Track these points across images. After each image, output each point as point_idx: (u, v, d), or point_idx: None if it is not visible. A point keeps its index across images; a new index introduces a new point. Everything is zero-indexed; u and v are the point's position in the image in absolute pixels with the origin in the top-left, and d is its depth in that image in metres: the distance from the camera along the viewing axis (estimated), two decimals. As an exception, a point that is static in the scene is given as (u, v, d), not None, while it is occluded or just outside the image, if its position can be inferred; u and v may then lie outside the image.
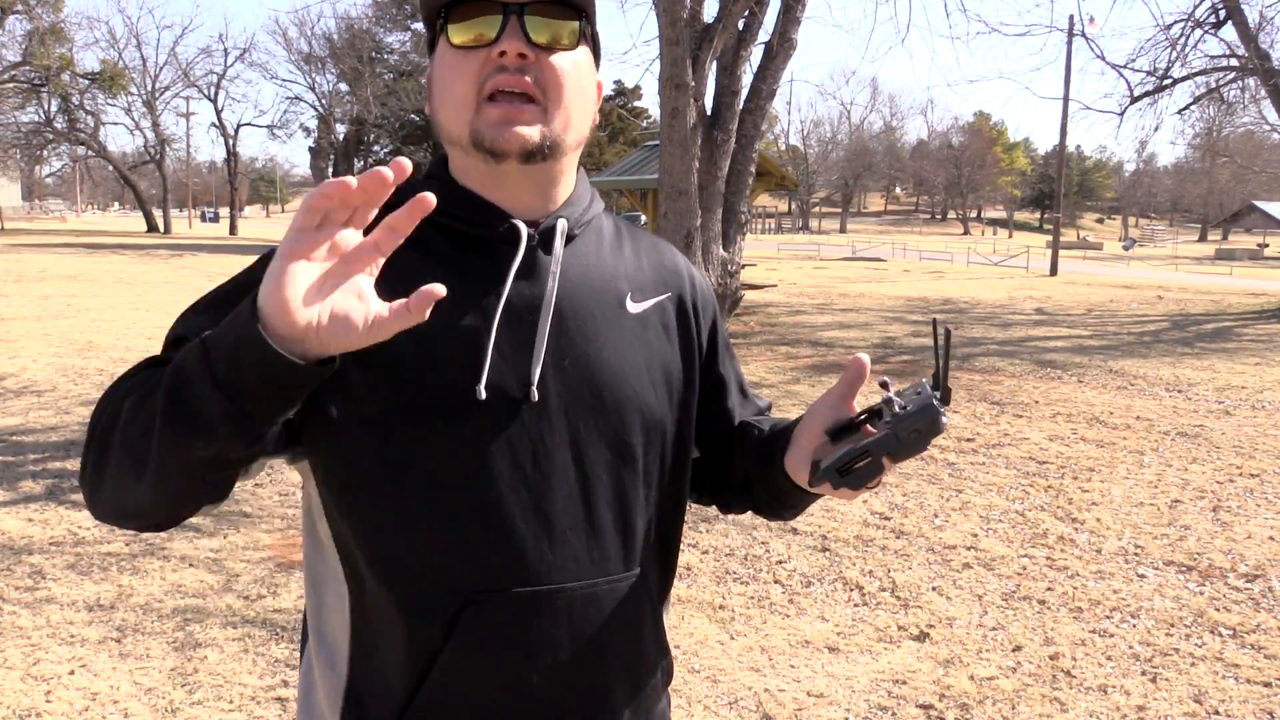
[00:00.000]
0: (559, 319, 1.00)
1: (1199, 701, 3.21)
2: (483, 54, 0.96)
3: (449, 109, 0.99)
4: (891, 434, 0.91)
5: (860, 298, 18.57)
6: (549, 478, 0.98)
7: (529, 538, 0.97)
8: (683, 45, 7.59)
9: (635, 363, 1.05)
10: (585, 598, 1.00)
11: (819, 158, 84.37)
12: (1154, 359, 10.89)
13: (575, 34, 1.00)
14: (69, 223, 53.92)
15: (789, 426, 1.09)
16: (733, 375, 1.21)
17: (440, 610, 0.96)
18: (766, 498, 1.13)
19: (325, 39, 36.86)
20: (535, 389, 0.97)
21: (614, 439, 1.02)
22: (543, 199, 1.02)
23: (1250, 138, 47.83)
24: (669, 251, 1.17)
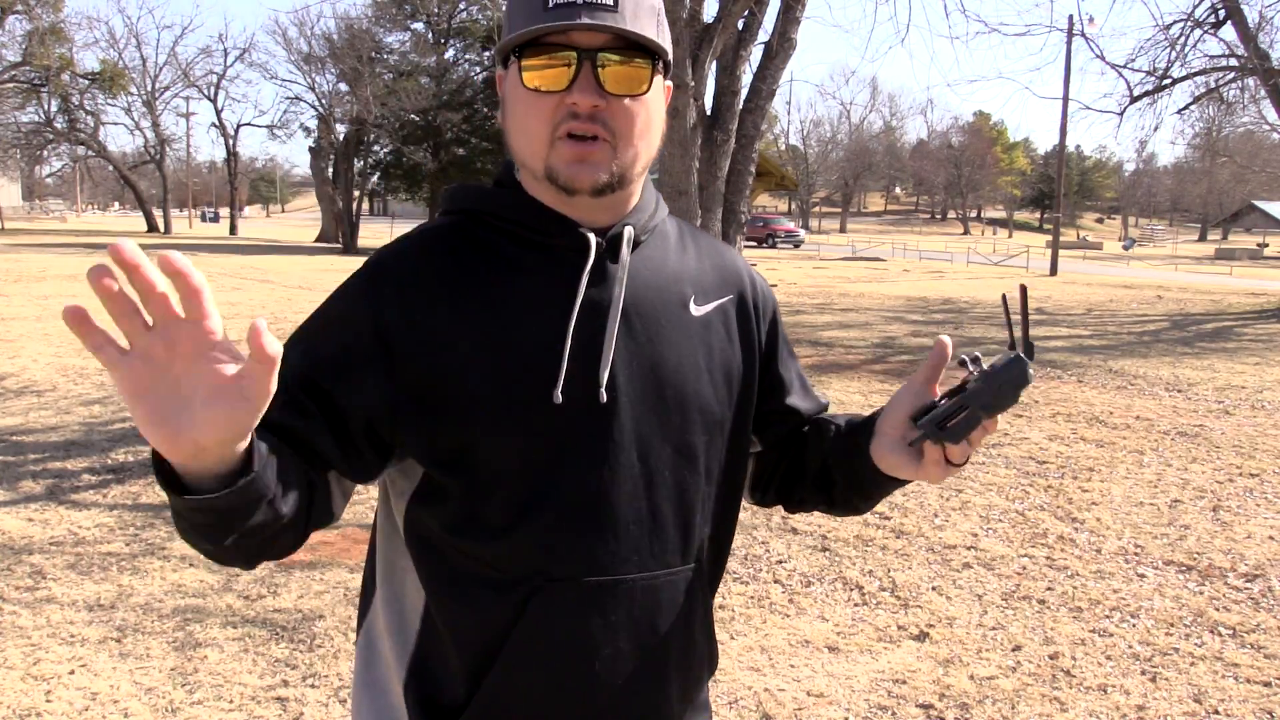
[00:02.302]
0: (626, 323, 1.04)
1: (1199, 701, 3.21)
2: (556, 98, 0.99)
3: (523, 142, 1.02)
4: (985, 387, 0.95)
5: (860, 298, 18.58)
6: (615, 474, 1.03)
7: (595, 531, 1.02)
8: (683, 45, 7.59)
9: (697, 364, 1.09)
10: (645, 588, 1.05)
11: (819, 158, 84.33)
12: (1154, 359, 10.89)
13: (648, 77, 1.02)
14: (69, 223, 53.92)
15: (870, 419, 1.12)
16: (794, 372, 1.24)
17: (511, 595, 1.02)
18: (845, 488, 1.16)
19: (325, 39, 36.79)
20: (604, 391, 1.02)
21: (677, 438, 1.07)
22: (612, 214, 1.07)
23: (1250, 138, 47.82)
24: (730, 253, 1.21)
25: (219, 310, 0.74)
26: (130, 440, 6.23)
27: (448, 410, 1.00)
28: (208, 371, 0.73)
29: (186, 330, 0.72)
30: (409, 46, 38.53)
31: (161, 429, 0.74)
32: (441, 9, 37.50)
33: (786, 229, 44.99)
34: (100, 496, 5.12)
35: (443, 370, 1.00)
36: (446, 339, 1.01)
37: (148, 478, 5.46)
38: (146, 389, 0.73)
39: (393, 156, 37.81)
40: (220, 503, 0.81)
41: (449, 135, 35.25)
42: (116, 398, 7.51)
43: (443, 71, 37.78)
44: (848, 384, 8.93)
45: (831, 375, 9.38)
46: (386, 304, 1.01)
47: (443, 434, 1.01)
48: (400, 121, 34.28)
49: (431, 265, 1.04)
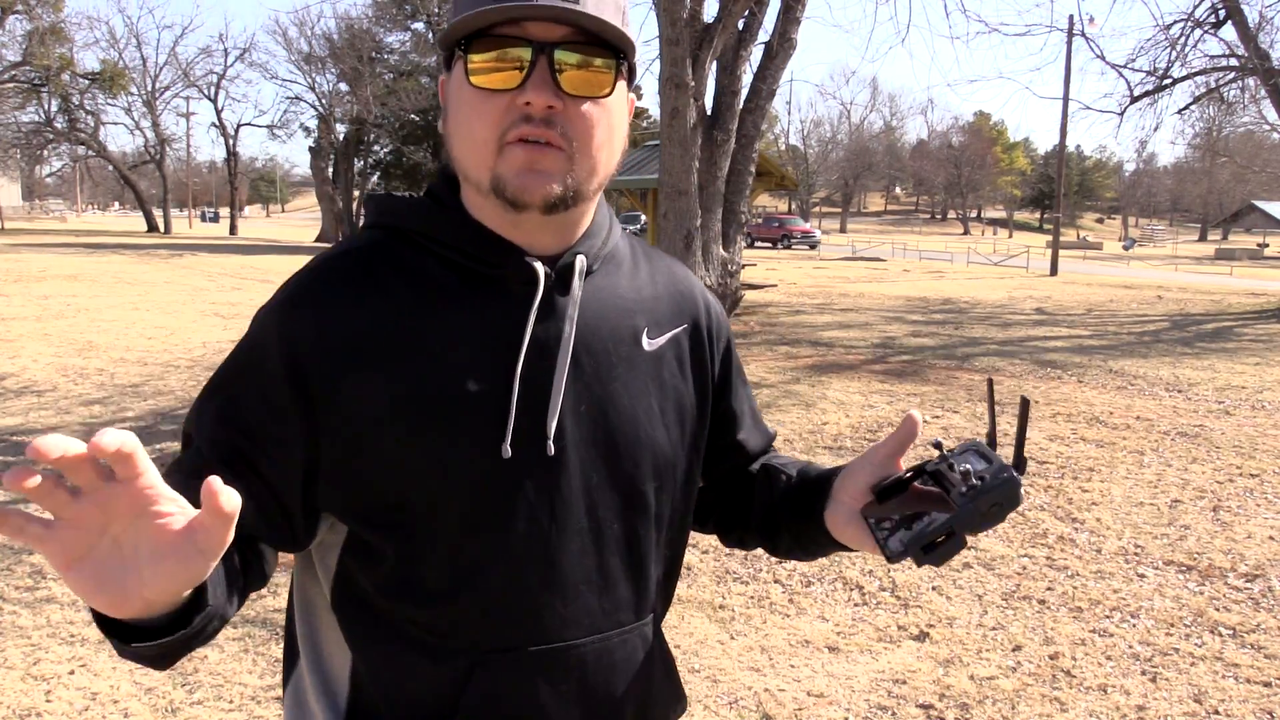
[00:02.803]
0: (575, 363, 0.95)
1: (1199, 701, 3.21)
2: (506, 98, 0.88)
3: (467, 148, 0.92)
4: (973, 509, 0.86)
5: (860, 297, 18.58)
6: (563, 531, 0.94)
7: (542, 595, 0.94)
8: (683, 45, 7.59)
9: (649, 405, 1.00)
10: (598, 652, 0.97)
11: (819, 158, 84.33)
12: (1154, 359, 10.89)
13: (611, 78, 0.91)
14: (69, 223, 53.93)
15: (823, 477, 1.05)
16: (745, 404, 1.17)
17: (452, 664, 0.93)
18: (792, 543, 1.10)
19: (325, 39, 36.87)
20: (552, 443, 0.93)
21: (627, 486, 0.98)
22: (561, 238, 0.97)
23: (1250, 138, 47.86)
24: (684, 276, 1.12)
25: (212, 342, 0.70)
26: (130, 440, 6.23)
27: (378, 464, 0.89)
28: (151, 528, 0.66)
29: (120, 491, 0.65)
30: (409, 46, 38.54)
31: (106, 595, 0.67)
32: (442, 9, 37.46)
33: (803, 229, 43.51)
34: (100, 496, 5.11)
35: (371, 419, 0.89)
36: (373, 384, 0.89)
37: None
38: (82, 557, 0.66)
39: (393, 156, 37.83)
40: (174, 643, 0.76)
41: (449, 135, 35.23)
42: (117, 397, 7.52)
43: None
44: (848, 384, 8.92)
45: (831, 375, 9.38)
46: (302, 344, 0.89)
47: (372, 491, 0.90)
48: (400, 121, 34.31)
49: (354, 296, 0.92)
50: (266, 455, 0.90)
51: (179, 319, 12.23)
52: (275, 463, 0.90)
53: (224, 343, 10.48)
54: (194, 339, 10.68)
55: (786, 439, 6.66)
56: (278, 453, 0.90)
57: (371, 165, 38.14)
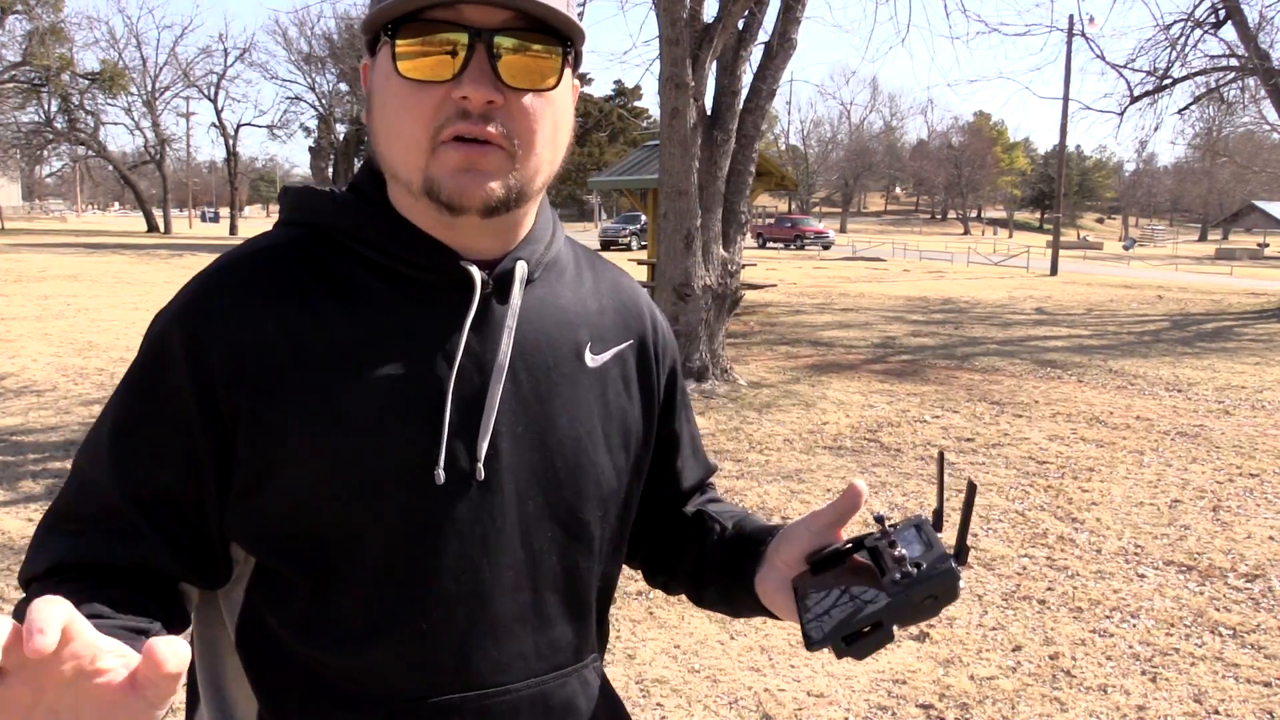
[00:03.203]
0: (512, 380, 0.86)
1: (1199, 701, 3.21)
2: (440, 91, 0.79)
3: (395, 146, 0.82)
4: (905, 600, 0.79)
5: (860, 297, 18.58)
6: (496, 565, 0.85)
7: (472, 636, 0.84)
8: (683, 45, 7.59)
9: (592, 426, 0.92)
10: (532, 698, 0.88)
11: (819, 158, 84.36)
12: (1154, 359, 10.89)
13: (557, 69, 0.82)
14: (69, 223, 53.94)
15: (757, 535, 0.97)
16: (686, 432, 1.08)
17: (372, 716, 0.83)
18: (716, 599, 1.02)
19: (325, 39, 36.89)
20: (482, 466, 0.84)
21: (566, 515, 0.90)
22: (500, 241, 0.88)
23: (1250, 138, 47.86)
24: (629, 288, 1.03)
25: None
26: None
27: (292, 489, 0.80)
28: (92, 689, 0.58)
29: (52, 660, 0.55)
30: (409, 46, 38.57)
31: None
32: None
33: (816, 230, 42.07)
34: (100, 496, 5.12)
35: (284, 439, 0.80)
36: (287, 400, 0.80)
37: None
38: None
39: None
40: None
41: (449, 135, 35.29)
42: (116, 398, 7.52)
43: (443, 71, 37.81)
44: (848, 384, 8.92)
45: (831, 375, 9.38)
46: (207, 354, 0.80)
47: (284, 518, 0.81)
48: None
49: (266, 301, 0.82)
50: (181, 484, 0.81)
51: (179, 319, 12.22)
52: (191, 492, 0.82)
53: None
54: (194, 339, 10.68)
55: (786, 439, 6.67)
56: (192, 480, 0.81)
57: (371, 165, 38.16)
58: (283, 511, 0.81)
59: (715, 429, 6.93)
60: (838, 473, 5.87)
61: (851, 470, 5.93)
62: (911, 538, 0.84)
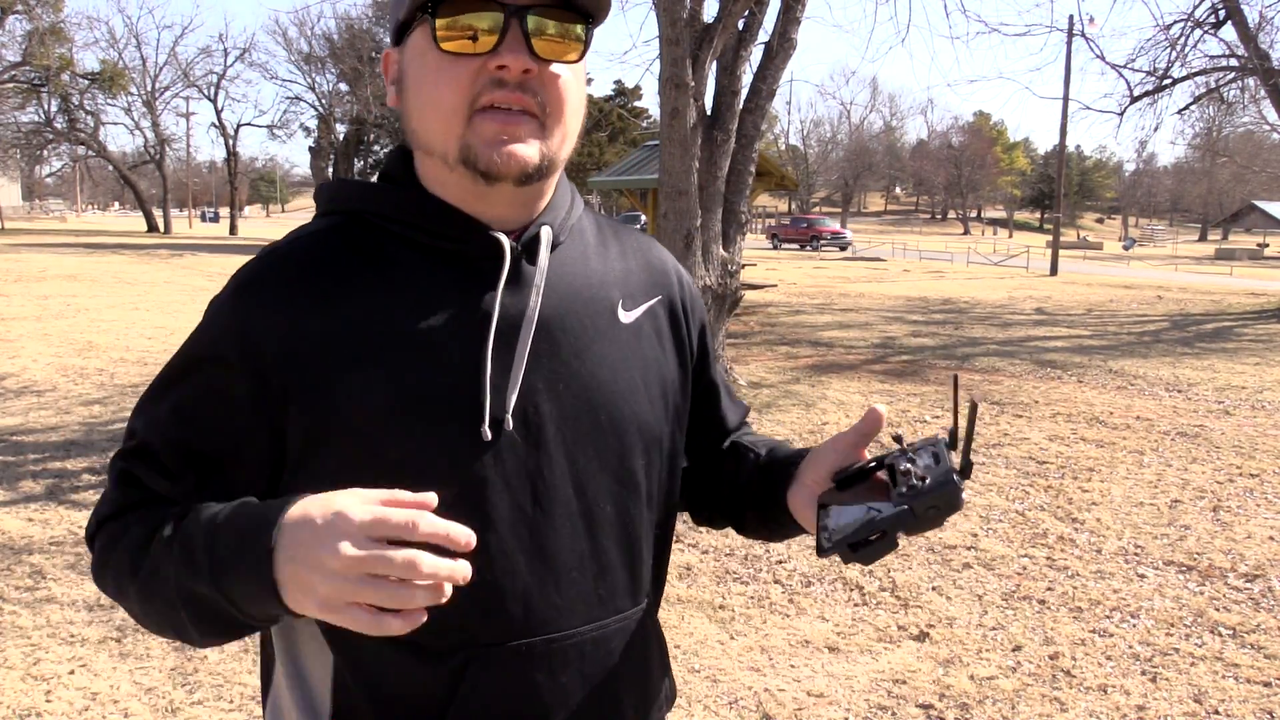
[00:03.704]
0: (550, 338, 0.92)
1: (1199, 701, 3.21)
2: (477, 62, 0.85)
3: (432, 118, 0.88)
4: (908, 511, 0.86)
5: (860, 297, 18.58)
6: (551, 515, 0.91)
7: (534, 584, 0.90)
8: (683, 45, 7.59)
9: (632, 378, 0.97)
10: (595, 640, 0.94)
11: (819, 158, 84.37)
12: (1154, 359, 10.89)
13: (581, 43, 0.89)
14: (69, 223, 53.93)
15: (790, 458, 1.04)
16: (721, 379, 1.15)
17: (443, 664, 0.89)
18: (757, 522, 1.09)
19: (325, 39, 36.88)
20: (511, 417, 0.89)
21: (616, 465, 0.95)
22: (525, 211, 0.94)
23: (1250, 138, 47.88)
24: (655, 249, 1.10)
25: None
26: (130, 440, 6.24)
27: (352, 456, 0.86)
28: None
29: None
30: (409, 46, 38.57)
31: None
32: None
33: (833, 230, 40.87)
34: (100, 496, 5.11)
35: (340, 410, 0.86)
36: (337, 373, 0.86)
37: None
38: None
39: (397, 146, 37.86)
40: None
41: (449, 135, 35.28)
42: (116, 397, 7.52)
43: (443, 71, 37.80)
44: (848, 384, 8.92)
45: (831, 375, 9.38)
46: (258, 335, 0.86)
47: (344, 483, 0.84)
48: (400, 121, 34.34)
49: (312, 283, 0.88)
50: (229, 453, 0.88)
51: (179, 319, 12.23)
52: (239, 460, 0.88)
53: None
54: (194, 339, 10.67)
55: (787, 439, 6.66)
56: (241, 449, 0.88)
57: (371, 165, 38.15)
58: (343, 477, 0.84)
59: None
60: (838, 473, 5.87)
61: (851, 470, 5.92)
62: (926, 456, 0.90)
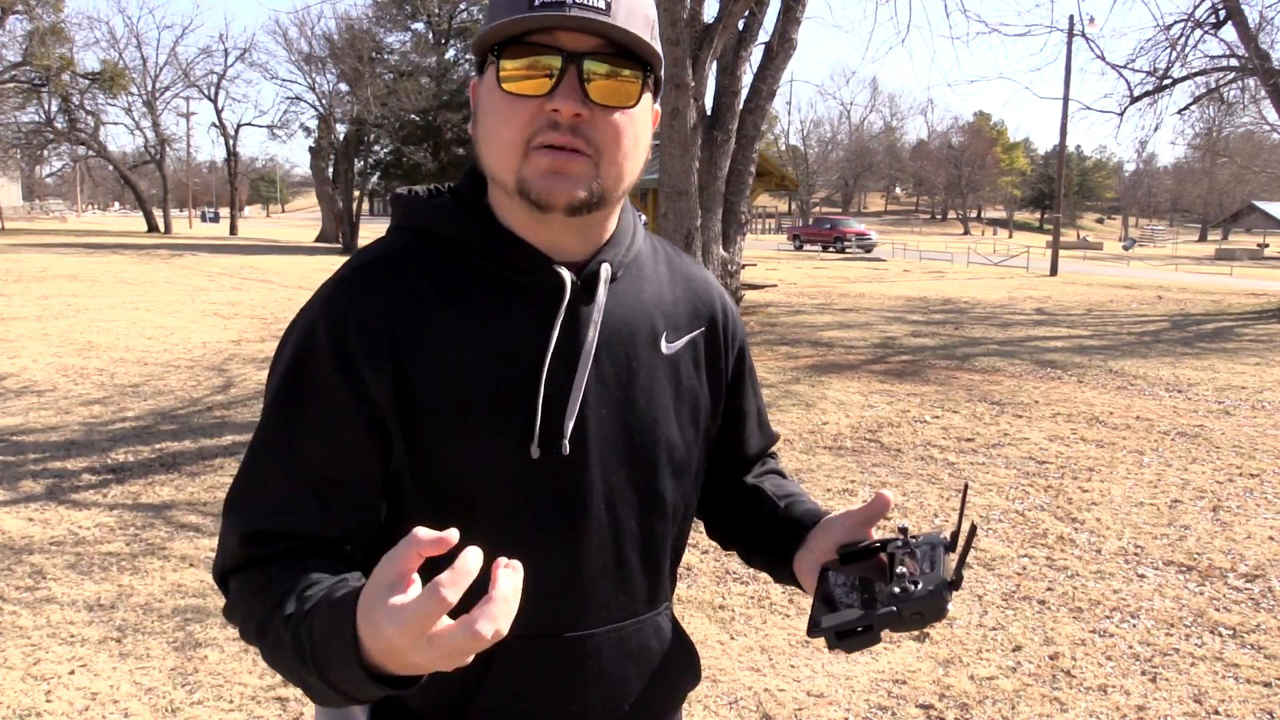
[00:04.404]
0: (596, 366, 0.99)
1: (1199, 701, 3.21)
2: (535, 104, 0.91)
3: (494, 150, 0.95)
4: (895, 613, 0.91)
5: (860, 298, 18.57)
6: (582, 529, 0.99)
7: (561, 587, 0.99)
8: (683, 45, 7.59)
9: (667, 406, 1.05)
10: (614, 641, 1.03)
11: (819, 158, 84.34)
12: (1154, 359, 10.89)
13: (638, 89, 0.94)
14: (69, 223, 53.90)
15: (804, 518, 1.11)
16: (753, 406, 1.23)
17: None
18: (761, 565, 1.18)
19: (325, 39, 36.78)
20: (568, 443, 0.97)
21: (645, 486, 1.04)
22: (586, 241, 1.01)
23: (1250, 138, 47.84)
24: (703, 278, 1.16)
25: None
26: (130, 440, 6.23)
27: (435, 467, 0.96)
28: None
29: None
30: (409, 46, 38.54)
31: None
32: (442, 9, 37.51)
33: (857, 231, 39.47)
34: (100, 496, 5.11)
35: (407, 412, 0.94)
36: (410, 378, 0.95)
37: (148, 478, 5.46)
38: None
39: (393, 156, 37.79)
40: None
41: (449, 135, 35.25)
42: (116, 397, 7.52)
43: (443, 72, 37.78)
44: (848, 384, 8.92)
45: (831, 375, 9.38)
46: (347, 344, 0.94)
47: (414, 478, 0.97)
48: (400, 121, 34.29)
49: (391, 295, 0.97)
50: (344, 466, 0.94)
51: (179, 319, 12.23)
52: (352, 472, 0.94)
53: (224, 343, 10.48)
54: (194, 339, 10.68)
55: (787, 439, 6.66)
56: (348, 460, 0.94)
57: (372, 165, 38.08)
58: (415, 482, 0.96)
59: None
60: (838, 473, 5.87)
61: (852, 470, 5.93)
62: (924, 554, 0.95)
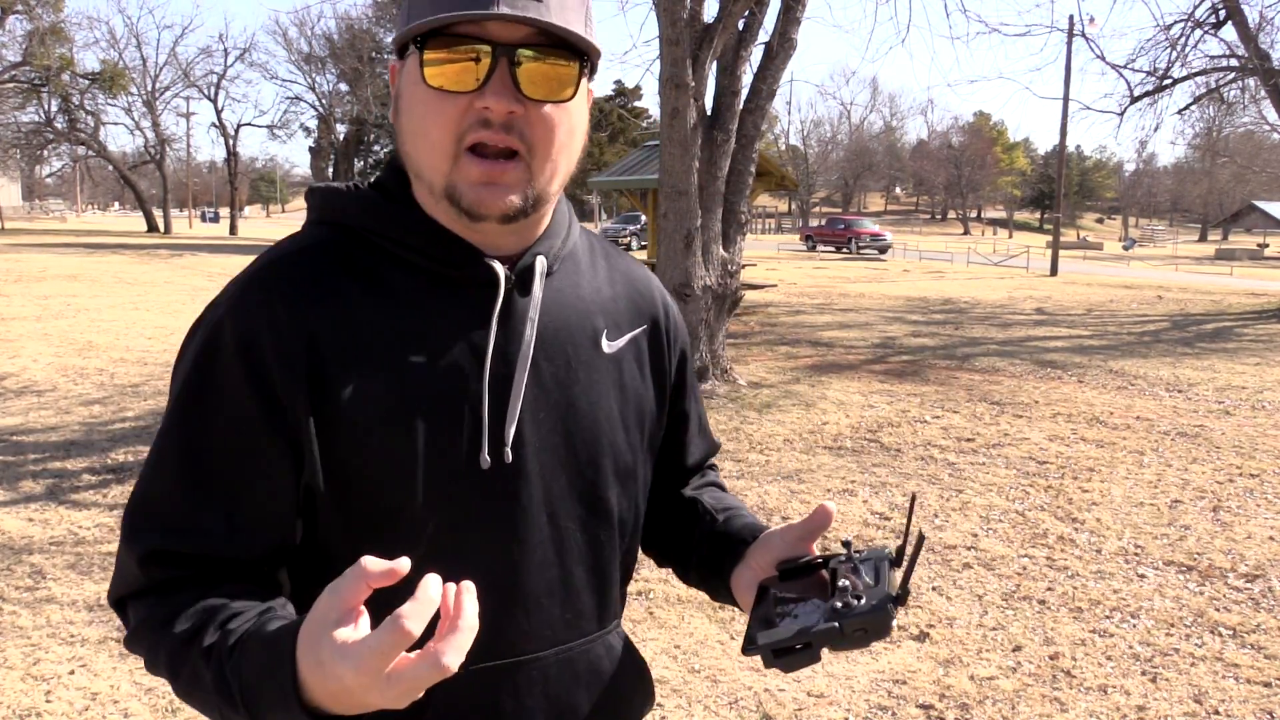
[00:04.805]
0: (535, 367, 0.92)
1: (1199, 701, 3.21)
2: (464, 100, 0.84)
3: (421, 148, 0.87)
4: (837, 629, 0.84)
5: (860, 298, 18.57)
6: (525, 543, 0.91)
7: (502, 608, 0.90)
8: (683, 45, 7.59)
9: (609, 408, 0.98)
10: (560, 662, 0.95)
11: (819, 158, 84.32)
12: (1154, 359, 10.89)
13: (574, 82, 0.87)
14: (69, 223, 53.91)
15: (742, 533, 1.04)
16: (694, 410, 1.15)
17: None
18: (698, 582, 1.10)
19: (325, 39, 36.90)
20: (509, 450, 0.89)
21: (588, 493, 0.96)
22: (520, 239, 0.93)
23: (1250, 138, 47.84)
24: (643, 275, 1.09)
25: None
26: (130, 440, 6.23)
27: (348, 475, 0.86)
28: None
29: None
30: (409, 46, 38.54)
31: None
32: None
33: (872, 232, 37.97)
34: (100, 496, 5.11)
35: (334, 429, 0.85)
36: (330, 395, 0.85)
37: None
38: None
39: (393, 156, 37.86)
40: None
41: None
42: (116, 397, 7.52)
43: (443, 71, 37.80)
44: (848, 384, 8.92)
45: (831, 375, 9.38)
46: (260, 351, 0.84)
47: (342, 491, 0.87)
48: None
49: (309, 298, 0.86)
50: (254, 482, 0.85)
51: (179, 319, 12.23)
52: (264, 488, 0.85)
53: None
54: (194, 339, 10.67)
55: (787, 439, 6.67)
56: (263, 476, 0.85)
57: (371, 165, 38.16)
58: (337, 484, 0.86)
59: (715, 429, 6.94)
60: (838, 473, 5.87)
61: (852, 470, 5.93)
62: (869, 570, 0.88)
